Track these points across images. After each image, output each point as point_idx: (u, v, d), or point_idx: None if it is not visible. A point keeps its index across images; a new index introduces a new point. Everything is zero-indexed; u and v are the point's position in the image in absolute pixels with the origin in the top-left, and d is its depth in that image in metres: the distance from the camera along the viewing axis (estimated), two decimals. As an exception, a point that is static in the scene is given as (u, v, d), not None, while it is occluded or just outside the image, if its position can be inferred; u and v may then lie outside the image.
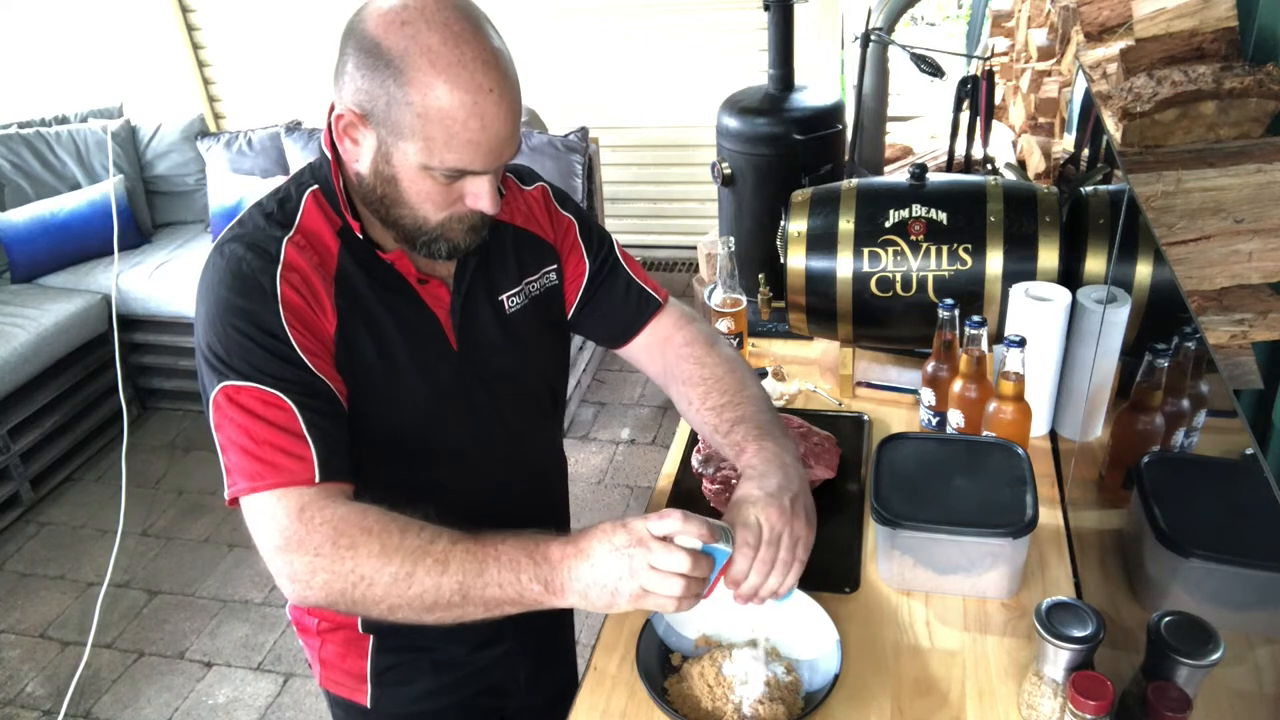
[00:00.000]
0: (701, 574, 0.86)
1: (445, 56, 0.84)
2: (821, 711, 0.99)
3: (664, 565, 0.84)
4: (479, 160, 0.90)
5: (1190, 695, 0.82)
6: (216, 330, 0.92)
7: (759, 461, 1.01)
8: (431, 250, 0.98)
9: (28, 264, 3.51)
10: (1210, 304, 0.90)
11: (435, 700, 1.21)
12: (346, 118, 0.90)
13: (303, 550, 0.87)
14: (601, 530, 0.88)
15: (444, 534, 0.88)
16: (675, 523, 0.85)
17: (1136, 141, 0.96)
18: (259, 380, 0.90)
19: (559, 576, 0.86)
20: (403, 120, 0.86)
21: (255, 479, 0.89)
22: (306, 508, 0.88)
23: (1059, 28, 1.92)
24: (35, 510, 3.19)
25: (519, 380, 1.13)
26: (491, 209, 0.94)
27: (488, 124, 0.87)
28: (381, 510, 0.90)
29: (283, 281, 0.93)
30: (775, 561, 0.93)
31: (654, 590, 0.85)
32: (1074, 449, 1.38)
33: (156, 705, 2.40)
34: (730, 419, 1.09)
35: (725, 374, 1.13)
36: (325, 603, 0.89)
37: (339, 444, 0.94)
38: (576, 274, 1.17)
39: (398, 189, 0.92)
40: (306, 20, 4.14)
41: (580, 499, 3.00)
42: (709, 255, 3.54)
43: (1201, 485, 1.06)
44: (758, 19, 3.67)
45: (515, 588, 0.86)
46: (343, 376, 0.97)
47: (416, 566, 0.86)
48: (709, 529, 0.87)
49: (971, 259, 1.38)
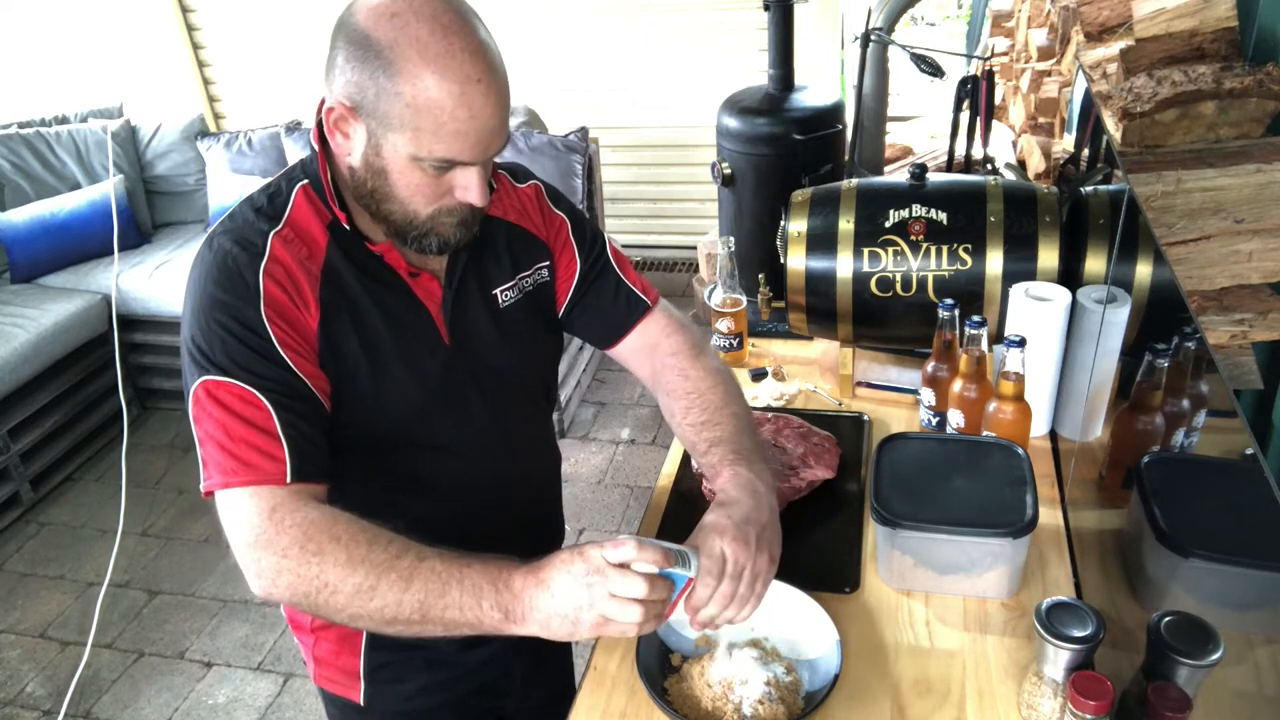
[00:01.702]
0: (660, 598, 0.87)
1: (434, 47, 0.85)
2: (821, 711, 0.99)
3: (622, 592, 0.85)
4: (467, 151, 0.90)
5: (1190, 695, 0.82)
6: (200, 323, 0.93)
7: (731, 488, 1.02)
8: (422, 245, 0.98)
9: (28, 264, 3.51)
10: (1210, 304, 0.90)
11: (428, 698, 1.21)
12: (337, 111, 0.91)
13: (270, 550, 0.88)
14: (560, 560, 0.88)
15: (411, 549, 0.89)
16: (630, 550, 0.86)
17: (1136, 141, 0.96)
18: (238, 376, 0.91)
19: (520, 605, 0.87)
20: (392, 111, 0.87)
21: (229, 475, 0.90)
22: (278, 509, 0.89)
23: (1059, 28, 1.92)
24: (35, 510, 3.19)
25: (512, 375, 1.13)
26: (480, 201, 0.95)
27: (476, 114, 0.88)
28: (352, 518, 0.90)
29: (266, 276, 0.94)
30: (733, 596, 0.93)
31: (614, 617, 0.85)
32: (1074, 449, 1.38)
33: (156, 705, 2.40)
34: (709, 439, 1.10)
35: (708, 389, 1.14)
36: (289, 602, 0.90)
37: (314, 445, 0.94)
38: (568, 272, 1.18)
39: (388, 182, 0.93)
40: (306, 20, 4.13)
41: (580, 499, 3.00)
42: (709, 255, 3.54)
43: (1201, 485, 1.06)
44: (758, 19, 3.67)
45: (475, 613, 0.87)
46: (325, 372, 0.98)
47: (380, 580, 0.86)
48: (664, 554, 0.87)
49: (971, 259, 1.38)
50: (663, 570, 0.87)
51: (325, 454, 0.96)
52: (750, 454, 1.08)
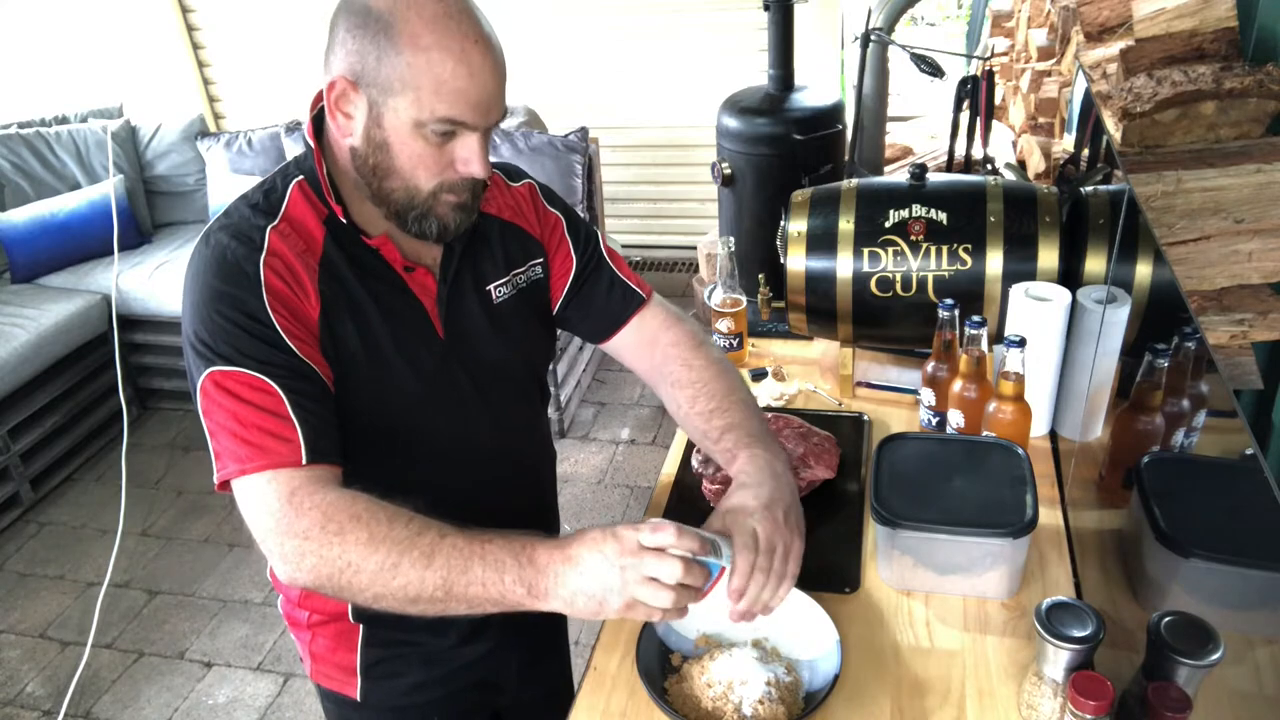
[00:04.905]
0: (694, 583, 0.87)
1: (431, 9, 0.88)
2: (821, 711, 0.99)
3: (659, 575, 0.84)
4: (469, 111, 0.91)
5: (1190, 695, 0.82)
6: (202, 316, 0.93)
7: (752, 470, 1.02)
8: (422, 228, 0.98)
9: (28, 264, 3.51)
10: (1210, 304, 0.90)
11: (425, 693, 1.21)
12: (338, 87, 0.92)
13: (292, 534, 0.88)
14: (591, 538, 0.87)
15: (432, 527, 0.89)
16: (669, 536, 0.85)
17: (1136, 141, 0.96)
18: (244, 365, 0.91)
19: (544, 581, 0.87)
20: (393, 75, 0.89)
21: (244, 461, 0.90)
22: (297, 492, 0.90)
23: (1059, 28, 1.92)
24: (35, 510, 3.19)
25: (506, 370, 1.14)
26: (481, 173, 0.96)
27: (475, 72, 0.90)
28: (371, 498, 0.91)
29: (266, 268, 0.94)
30: (770, 571, 0.93)
31: (645, 600, 0.85)
32: (1074, 449, 1.38)
33: (156, 705, 2.40)
34: (720, 425, 1.10)
35: (713, 377, 1.14)
36: (314, 585, 0.90)
37: (326, 426, 0.95)
38: (563, 270, 1.18)
39: (389, 155, 0.93)
40: (306, 20, 4.13)
41: (580, 499, 3.00)
42: (709, 255, 3.54)
43: (1201, 485, 1.06)
44: (758, 19, 3.67)
45: (498, 588, 0.87)
46: (327, 361, 0.98)
47: (402, 558, 0.87)
48: (700, 541, 0.87)
49: (971, 259, 1.38)
50: (698, 557, 0.87)
51: (337, 435, 0.96)
52: (764, 435, 1.08)
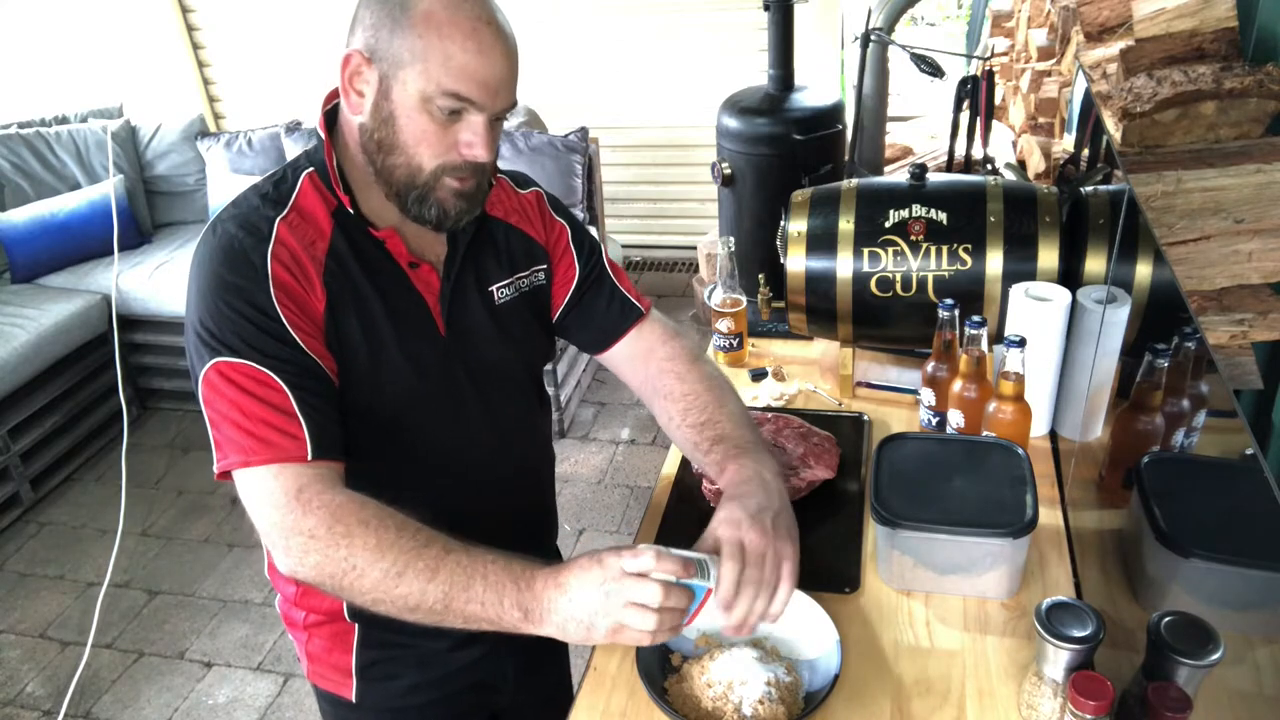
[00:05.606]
0: (676, 606, 0.87)
1: None
2: (821, 711, 0.99)
3: (639, 599, 0.85)
4: (476, 89, 0.92)
5: (1190, 695, 0.82)
6: (208, 305, 0.93)
7: (740, 480, 1.02)
8: (422, 211, 0.98)
9: (28, 264, 3.51)
10: (1210, 304, 0.89)
11: (420, 695, 1.21)
12: (354, 61, 0.93)
13: (297, 531, 0.89)
14: (579, 565, 0.89)
15: (438, 540, 0.90)
16: (649, 560, 0.86)
17: (1136, 141, 0.96)
18: (251, 357, 0.92)
19: (539, 606, 0.88)
20: (404, 47, 0.90)
21: (249, 454, 0.90)
22: (304, 489, 0.90)
23: (1059, 28, 1.92)
24: (35, 510, 3.19)
25: (505, 370, 1.14)
26: (485, 156, 0.96)
27: (485, 51, 0.91)
28: (379, 504, 0.91)
29: (273, 259, 0.95)
30: (761, 582, 0.93)
31: (630, 625, 0.86)
32: (1074, 449, 1.38)
33: (156, 705, 2.40)
34: (710, 437, 1.11)
35: (704, 390, 1.15)
36: (314, 582, 0.91)
37: (330, 422, 0.95)
38: (566, 278, 1.19)
39: (395, 129, 0.94)
40: (306, 20, 4.14)
41: (580, 499, 3.00)
42: (709, 255, 3.55)
43: (1201, 485, 1.06)
44: (758, 19, 3.67)
45: (496, 609, 0.88)
46: (331, 354, 0.98)
47: (408, 567, 0.88)
48: (682, 564, 0.88)
49: (971, 259, 1.38)
50: (681, 580, 0.87)
51: (341, 432, 0.97)
52: (753, 446, 1.09)
